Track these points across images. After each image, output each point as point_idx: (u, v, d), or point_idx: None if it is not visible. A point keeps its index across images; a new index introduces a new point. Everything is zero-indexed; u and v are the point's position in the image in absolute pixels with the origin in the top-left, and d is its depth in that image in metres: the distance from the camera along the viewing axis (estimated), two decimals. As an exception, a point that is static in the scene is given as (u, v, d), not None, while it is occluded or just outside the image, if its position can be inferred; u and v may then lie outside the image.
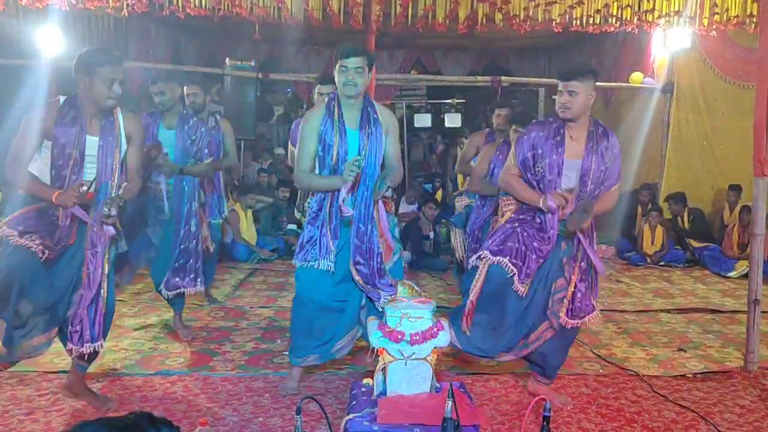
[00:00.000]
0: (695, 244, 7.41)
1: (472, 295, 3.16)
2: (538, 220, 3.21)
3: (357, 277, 3.21)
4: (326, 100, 3.55)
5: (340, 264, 3.29)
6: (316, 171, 3.32)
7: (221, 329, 4.61)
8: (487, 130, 5.34)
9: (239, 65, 7.97)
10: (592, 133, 3.21)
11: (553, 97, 9.86)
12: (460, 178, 6.26)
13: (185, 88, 4.94)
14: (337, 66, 3.22)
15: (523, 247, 3.14)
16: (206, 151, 4.41)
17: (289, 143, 5.12)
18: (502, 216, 3.38)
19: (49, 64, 6.40)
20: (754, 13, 5.87)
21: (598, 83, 3.32)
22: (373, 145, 3.25)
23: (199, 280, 4.36)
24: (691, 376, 3.83)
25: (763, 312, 4.20)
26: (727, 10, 6.09)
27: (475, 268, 3.29)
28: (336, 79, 3.27)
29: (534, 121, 3.49)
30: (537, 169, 3.19)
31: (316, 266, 3.26)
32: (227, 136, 5.08)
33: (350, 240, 3.23)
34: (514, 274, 3.10)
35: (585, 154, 3.18)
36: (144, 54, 8.66)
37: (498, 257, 3.12)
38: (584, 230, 3.18)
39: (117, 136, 3.08)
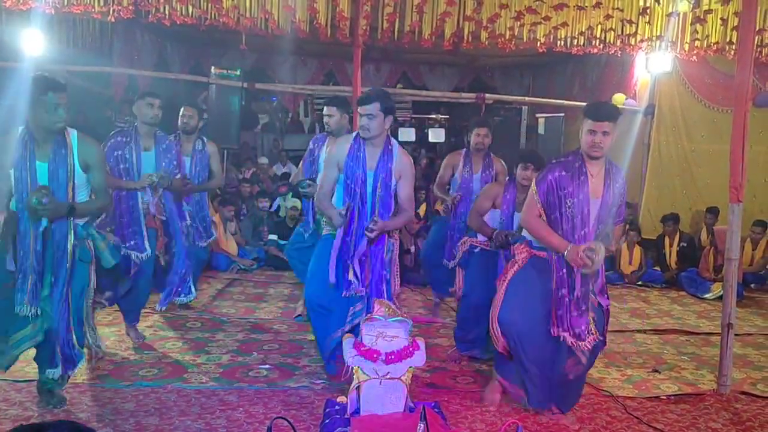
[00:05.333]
0: (674, 265, 7.48)
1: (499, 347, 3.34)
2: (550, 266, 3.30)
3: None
4: (329, 121, 4.57)
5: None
6: (342, 196, 3.60)
7: (197, 340, 4.56)
8: (464, 150, 5.24)
9: (225, 74, 7.95)
10: (608, 170, 3.29)
11: (537, 115, 9.98)
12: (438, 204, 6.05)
13: (182, 108, 5.05)
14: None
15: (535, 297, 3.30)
16: (176, 170, 4.56)
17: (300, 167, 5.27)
18: (514, 265, 3.41)
19: (33, 66, 6.34)
20: (734, 40, 6.00)
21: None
22: (384, 187, 3.54)
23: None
24: (664, 397, 3.86)
25: (736, 335, 4.27)
26: (708, 36, 6.22)
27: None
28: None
29: (554, 161, 3.45)
30: (564, 209, 3.23)
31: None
32: (213, 158, 5.20)
33: None
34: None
35: (604, 192, 3.26)
36: (129, 59, 8.62)
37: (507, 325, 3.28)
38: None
39: (68, 161, 3.16)
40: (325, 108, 4.78)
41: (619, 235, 3.40)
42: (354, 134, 3.67)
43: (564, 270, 3.26)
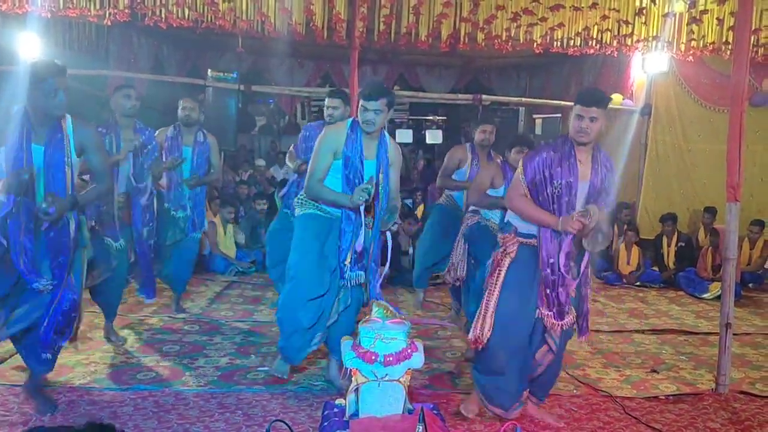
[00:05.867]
0: (672, 265, 7.48)
1: (480, 335, 3.25)
2: (544, 254, 3.23)
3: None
4: (333, 113, 4.63)
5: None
6: (338, 186, 3.58)
7: (195, 343, 4.55)
8: (468, 145, 5.32)
9: (221, 76, 7.94)
10: (596, 156, 3.30)
11: (534, 116, 9.98)
12: None
13: (181, 101, 5.05)
14: (360, 103, 3.50)
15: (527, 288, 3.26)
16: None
17: (290, 150, 5.33)
18: (505, 256, 3.32)
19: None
20: (730, 40, 6.01)
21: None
22: (385, 176, 3.62)
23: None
24: (663, 397, 3.86)
25: (735, 335, 4.26)
26: (704, 36, 6.23)
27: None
28: (359, 113, 3.52)
29: (543, 142, 3.49)
30: (551, 190, 3.20)
31: None
32: (213, 150, 5.23)
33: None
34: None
35: (592, 176, 3.26)
36: (125, 62, 8.61)
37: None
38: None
39: (65, 146, 3.13)
40: (328, 100, 4.80)
41: (608, 220, 3.39)
42: (348, 123, 3.63)
43: (551, 247, 3.21)
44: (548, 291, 3.22)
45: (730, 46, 6.09)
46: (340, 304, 3.62)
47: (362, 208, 3.43)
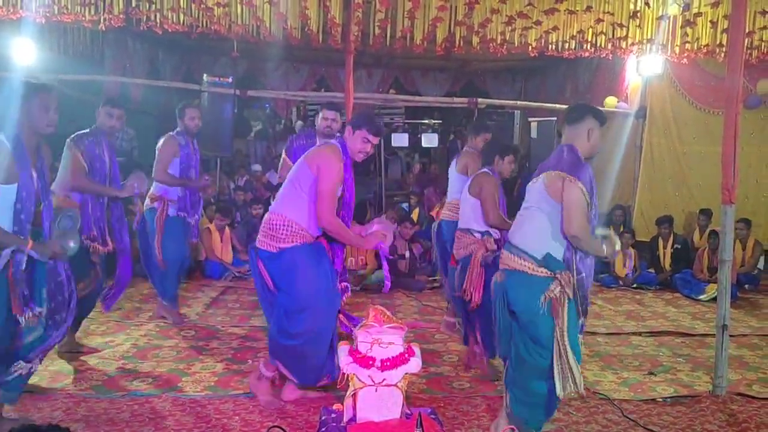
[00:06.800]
0: (668, 267, 7.50)
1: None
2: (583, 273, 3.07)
3: None
4: (331, 125, 4.60)
5: None
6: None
7: (191, 349, 4.54)
8: (471, 152, 5.12)
9: (217, 81, 7.93)
10: None
11: (529, 119, 9.97)
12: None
13: (187, 109, 5.06)
14: (364, 134, 3.44)
15: None
16: None
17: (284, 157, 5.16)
18: (563, 294, 2.92)
19: (24, 75, 6.31)
20: (723, 42, 6.03)
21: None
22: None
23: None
24: (660, 400, 3.86)
25: (731, 336, 4.27)
26: (698, 39, 6.24)
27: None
28: (352, 141, 3.47)
29: (577, 165, 3.06)
30: (589, 212, 2.98)
31: None
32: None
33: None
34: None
35: None
36: (120, 67, 8.61)
37: None
38: None
39: (47, 172, 3.12)
40: (327, 111, 4.72)
41: None
42: (341, 149, 3.49)
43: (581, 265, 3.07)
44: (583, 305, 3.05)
45: (724, 49, 6.10)
46: None
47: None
